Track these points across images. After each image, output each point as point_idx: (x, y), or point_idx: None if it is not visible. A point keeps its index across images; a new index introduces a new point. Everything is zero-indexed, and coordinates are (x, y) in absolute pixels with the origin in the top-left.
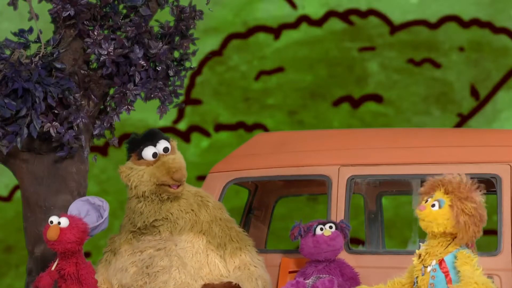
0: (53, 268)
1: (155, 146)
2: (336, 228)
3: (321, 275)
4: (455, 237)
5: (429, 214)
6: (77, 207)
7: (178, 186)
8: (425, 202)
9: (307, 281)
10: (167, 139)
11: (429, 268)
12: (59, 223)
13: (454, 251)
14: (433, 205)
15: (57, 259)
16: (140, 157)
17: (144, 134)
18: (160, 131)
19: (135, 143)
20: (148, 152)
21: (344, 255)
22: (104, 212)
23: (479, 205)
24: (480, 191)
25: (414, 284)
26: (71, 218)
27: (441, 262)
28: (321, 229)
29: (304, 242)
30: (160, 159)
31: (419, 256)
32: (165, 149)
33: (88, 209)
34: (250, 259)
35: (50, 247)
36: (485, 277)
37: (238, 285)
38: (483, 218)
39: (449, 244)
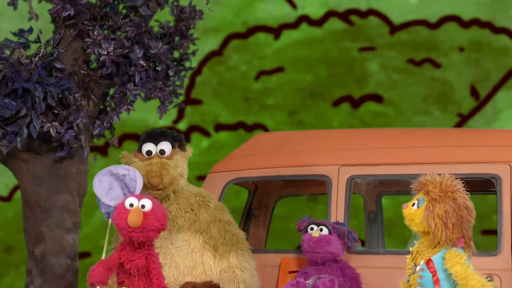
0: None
1: (156, 145)
2: (329, 232)
3: (321, 275)
4: None
5: (408, 214)
6: (100, 181)
7: (158, 189)
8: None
9: (308, 281)
10: (172, 144)
11: (418, 267)
12: (142, 206)
13: (442, 250)
14: (413, 204)
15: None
16: (139, 151)
17: (156, 131)
18: (172, 134)
19: (145, 136)
20: (145, 148)
21: (344, 255)
22: (135, 182)
23: (454, 207)
24: (465, 191)
25: (407, 282)
26: (153, 200)
27: (428, 262)
28: (312, 228)
29: (302, 239)
30: (152, 159)
31: (412, 253)
32: (161, 151)
33: (110, 182)
34: (237, 262)
35: (127, 235)
36: (479, 275)
37: (218, 285)
38: (463, 220)
39: (438, 243)
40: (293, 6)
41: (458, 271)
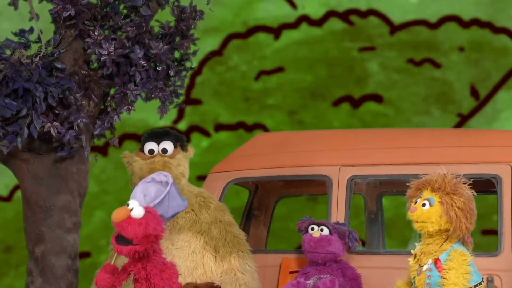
0: (112, 261)
1: (158, 144)
2: (329, 232)
3: (322, 276)
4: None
5: (421, 215)
6: (142, 190)
7: None
8: (415, 204)
9: (308, 281)
10: (174, 143)
11: (425, 267)
12: (132, 209)
13: (448, 249)
14: (423, 205)
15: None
16: (141, 150)
17: (159, 130)
18: (175, 134)
19: (147, 135)
20: (147, 147)
21: (344, 255)
22: (167, 186)
23: (467, 198)
24: (466, 184)
25: (412, 285)
26: (149, 212)
27: (436, 261)
28: (312, 228)
29: (303, 239)
30: (154, 157)
31: (415, 256)
32: (164, 150)
33: (157, 189)
34: (239, 264)
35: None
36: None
37: (220, 287)
38: (473, 211)
39: (444, 241)
40: (293, 6)
41: (448, 278)
